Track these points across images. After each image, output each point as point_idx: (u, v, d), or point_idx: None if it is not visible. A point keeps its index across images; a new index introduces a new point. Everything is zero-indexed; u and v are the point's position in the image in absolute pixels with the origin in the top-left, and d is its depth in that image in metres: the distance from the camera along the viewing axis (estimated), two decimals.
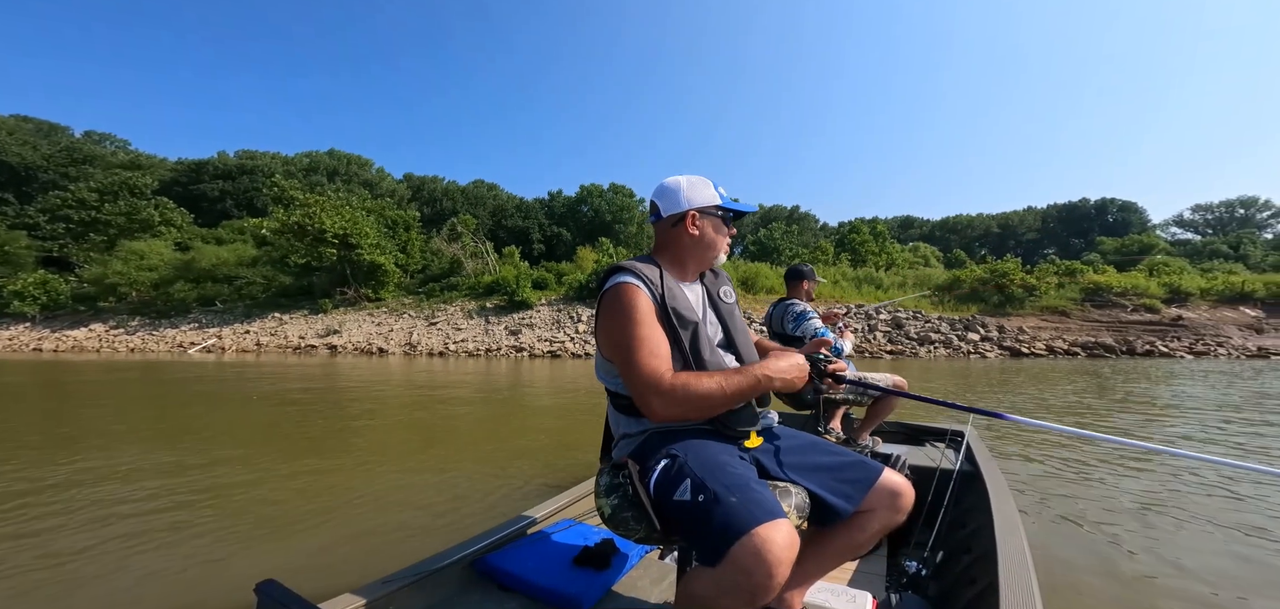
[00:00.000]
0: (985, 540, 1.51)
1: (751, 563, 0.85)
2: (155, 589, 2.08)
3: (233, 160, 51.33)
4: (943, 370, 12.41)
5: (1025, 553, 1.29)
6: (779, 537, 0.87)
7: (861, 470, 1.15)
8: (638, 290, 1.14)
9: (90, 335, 26.28)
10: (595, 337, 1.24)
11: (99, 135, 54.85)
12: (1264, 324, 19.16)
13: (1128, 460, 3.82)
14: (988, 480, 1.91)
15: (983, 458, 2.20)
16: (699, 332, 1.18)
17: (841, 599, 1.38)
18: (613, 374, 1.20)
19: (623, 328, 1.11)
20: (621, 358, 1.11)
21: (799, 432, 1.31)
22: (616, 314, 1.13)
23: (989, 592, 1.22)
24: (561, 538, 1.59)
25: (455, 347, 19.73)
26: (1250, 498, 3.00)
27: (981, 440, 2.49)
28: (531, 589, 1.35)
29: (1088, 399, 7.14)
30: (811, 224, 58.86)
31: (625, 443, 1.22)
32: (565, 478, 3.43)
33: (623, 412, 1.22)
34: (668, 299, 1.17)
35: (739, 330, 1.30)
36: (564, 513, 1.82)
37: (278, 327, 24.59)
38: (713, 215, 1.26)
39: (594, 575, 1.38)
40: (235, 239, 34.87)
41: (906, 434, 3.05)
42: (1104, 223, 55.41)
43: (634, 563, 1.53)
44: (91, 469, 3.75)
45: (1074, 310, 20.90)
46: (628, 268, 1.19)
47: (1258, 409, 6.13)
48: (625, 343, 1.09)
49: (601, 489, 1.17)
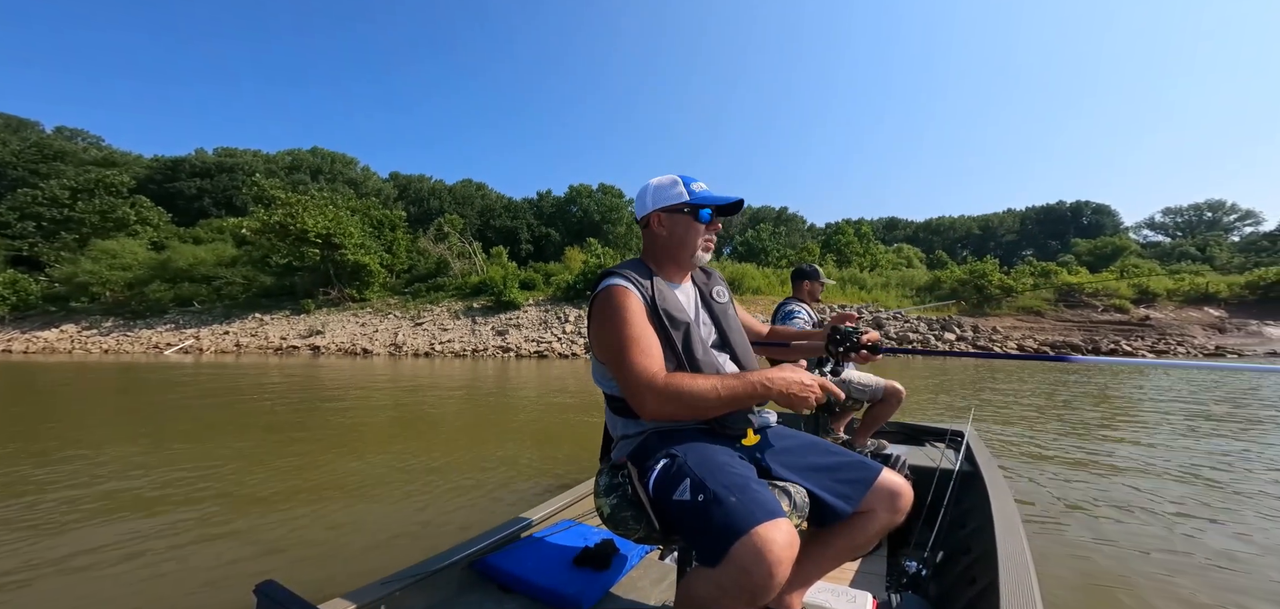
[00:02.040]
0: (985, 540, 1.51)
1: (751, 562, 0.85)
2: (155, 590, 2.08)
3: (211, 158, 50.15)
4: (920, 369, 12.74)
5: (1025, 553, 1.29)
6: (779, 536, 0.86)
7: (861, 470, 1.14)
8: (627, 292, 1.14)
9: (62, 336, 25.52)
10: (589, 342, 1.25)
11: (70, 131, 53.26)
12: (1226, 324, 19.95)
13: (1129, 459, 3.84)
14: (987, 480, 1.91)
15: (982, 458, 2.19)
16: (691, 332, 1.18)
17: (841, 599, 1.37)
18: (608, 377, 1.21)
19: (614, 329, 1.11)
20: (614, 359, 1.12)
21: (798, 431, 1.30)
22: (608, 316, 1.13)
23: (989, 591, 1.22)
24: (561, 538, 1.59)
25: (441, 347, 19.60)
26: (1252, 498, 3.02)
27: (981, 440, 2.49)
28: (531, 589, 1.35)
29: (1056, 391, 7.43)
30: (799, 225, 59.55)
31: (624, 444, 1.21)
32: (565, 478, 3.44)
33: (620, 414, 1.22)
34: (658, 300, 1.17)
35: (733, 330, 1.30)
36: (564, 513, 1.81)
37: (258, 327, 24.15)
38: (678, 213, 1.24)
39: (594, 576, 1.38)
40: (214, 239, 34.12)
41: (906, 434, 3.04)
42: (1079, 225, 57.07)
43: (634, 563, 1.52)
44: (87, 471, 3.71)
45: (1048, 310, 21.53)
46: (617, 271, 1.20)
47: (1195, 398, 6.82)
48: (617, 344, 1.10)
49: (601, 489, 1.17)
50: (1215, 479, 3.41)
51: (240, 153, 52.17)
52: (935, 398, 7.66)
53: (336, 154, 55.44)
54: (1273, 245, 41.73)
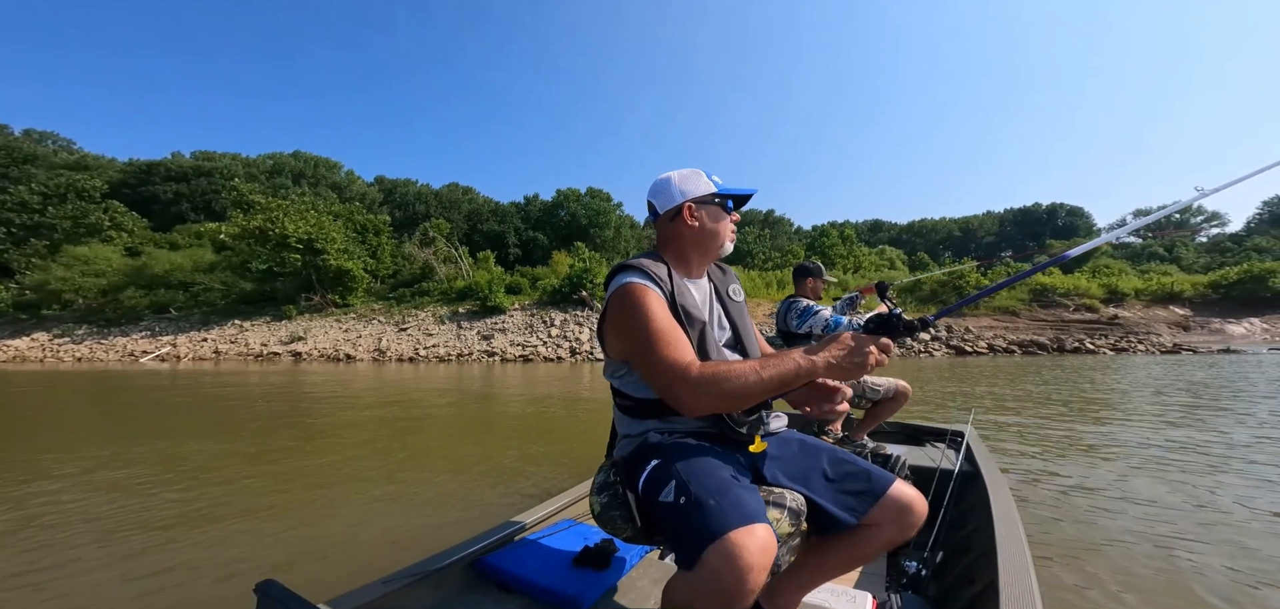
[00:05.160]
0: (985, 540, 1.50)
1: (723, 567, 0.83)
2: (155, 590, 2.08)
3: (188, 162, 49.22)
4: (896, 368, 13.05)
5: (1025, 552, 1.29)
6: (752, 542, 0.84)
7: (869, 481, 1.09)
8: (646, 288, 1.09)
9: (33, 345, 24.80)
10: (601, 339, 1.19)
11: (40, 134, 51.89)
12: (1191, 322, 20.73)
13: (1129, 459, 3.84)
14: (987, 480, 1.91)
15: (982, 458, 2.19)
16: (706, 332, 1.14)
17: (841, 599, 1.36)
18: (619, 373, 1.17)
19: (637, 325, 1.05)
20: (640, 356, 1.05)
21: (807, 436, 1.26)
22: (629, 313, 1.07)
23: (989, 591, 1.21)
24: (561, 538, 1.58)
25: (426, 352, 19.49)
26: (1255, 496, 3.03)
27: (981, 440, 2.49)
28: (531, 589, 1.35)
29: (1057, 390, 7.72)
30: (786, 228, 60.29)
31: (625, 443, 1.19)
32: (564, 478, 3.45)
33: (626, 413, 1.18)
34: (677, 296, 1.13)
35: (747, 331, 1.26)
36: (564, 513, 1.81)
37: (238, 334, 23.75)
38: (710, 204, 1.21)
39: (594, 576, 1.37)
40: (191, 244, 33.48)
41: (906, 434, 3.01)
42: (1055, 226, 58.68)
43: (634, 563, 1.50)
44: (84, 472, 3.69)
45: (1023, 310, 22.14)
46: (634, 265, 1.14)
47: (1140, 388, 7.09)
48: (642, 340, 1.04)
49: (595, 487, 1.18)
50: (1217, 476, 3.39)
51: (219, 156, 51.29)
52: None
53: (320, 158, 54.80)
54: (1237, 246, 43.41)
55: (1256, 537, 2.47)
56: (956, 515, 1.94)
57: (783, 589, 1.18)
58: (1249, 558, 2.25)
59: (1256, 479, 3.32)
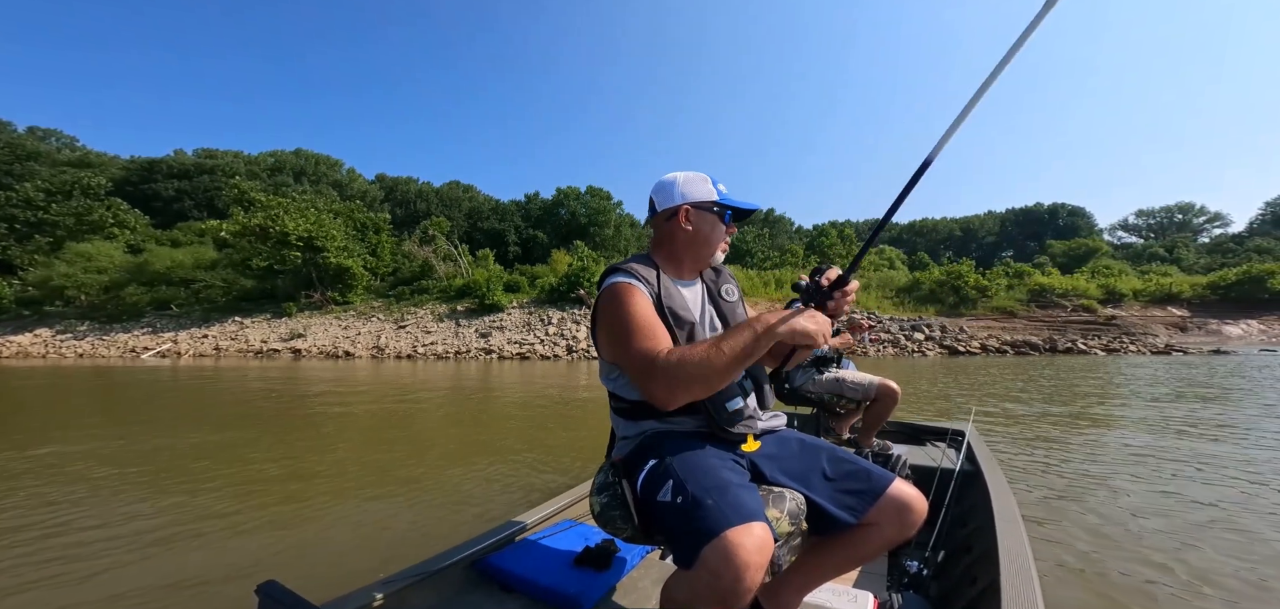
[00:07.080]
0: (986, 539, 1.49)
1: (720, 566, 0.84)
2: (155, 590, 2.10)
3: (190, 159, 49.36)
4: (889, 369, 13.09)
5: (1026, 551, 1.29)
6: (749, 541, 0.85)
7: (868, 480, 1.09)
8: (632, 287, 1.11)
9: (35, 341, 24.98)
10: (595, 342, 1.20)
11: (43, 131, 52.11)
12: (1188, 323, 20.70)
13: (1130, 458, 3.85)
14: (988, 479, 1.90)
15: (983, 457, 2.17)
16: (696, 333, 1.15)
17: (842, 599, 1.36)
18: (612, 375, 1.19)
19: (618, 322, 1.07)
20: (620, 353, 1.07)
21: (807, 435, 1.25)
22: (613, 313, 1.09)
23: (990, 591, 1.21)
24: (562, 538, 1.59)
25: (424, 350, 19.58)
26: (1256, 496, 3.02)
27: (982, 440, 2.49)
28: (532, 589, 1.35)
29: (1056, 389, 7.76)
30: (786, 227, 60.22)
31: (623, 444, 1.21)
32: (565, 478, 3.47)
33: (622, 415, 1.20)
34: (664, 299, 1.14)
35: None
36: (564, 513, 1.81)
37: (238, 330, 23.90)
38: (708, 211, 1.22)
39: (594, 576, 1.38)
40: (192, 241, 33.65)
41: (907, 434, 3.01)
42: (1056, 227, 58.39)
43: (634, 563, 1.50)
44: (83, 470, 3.72)
45: (1021, 310, 22.15)
46: (623, 268, 1.16)
47: (1125, 387, 7.16)
48: (622, 336, 1.06)
49: (595, 487, 1.19)
50: (1218, 473, 3.41)
51: (221, 154, 51.42)
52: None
53: (321, 156, 54.89)
54: (1239, 247, 43.22)
55: (1258, 537, 2.46)
56: (958, 515, 1.93)
57: (783, 589, 1.18)
58: (1250, 556, 2.25)
59: (1257, 479, 3.33)
